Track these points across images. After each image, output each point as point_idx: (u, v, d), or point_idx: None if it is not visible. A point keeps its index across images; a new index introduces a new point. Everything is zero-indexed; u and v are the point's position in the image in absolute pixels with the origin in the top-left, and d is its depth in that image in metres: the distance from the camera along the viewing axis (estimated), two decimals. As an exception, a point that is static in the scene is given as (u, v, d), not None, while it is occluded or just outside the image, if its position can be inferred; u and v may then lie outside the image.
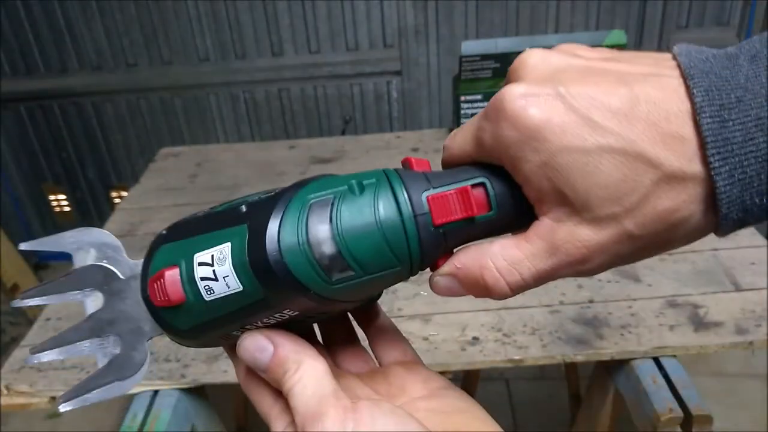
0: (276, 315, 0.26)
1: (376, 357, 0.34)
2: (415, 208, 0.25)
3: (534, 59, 0.25)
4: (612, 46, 1.16)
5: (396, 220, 0.25)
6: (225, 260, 0.25)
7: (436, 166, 0.29)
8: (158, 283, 0.27)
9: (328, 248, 0.24)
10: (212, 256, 0.26)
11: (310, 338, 0.31)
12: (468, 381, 1.38)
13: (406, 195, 0.25)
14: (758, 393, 1.55)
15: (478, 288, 0.26)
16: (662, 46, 2.03)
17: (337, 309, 0.29)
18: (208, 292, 0.26)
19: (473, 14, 1.97)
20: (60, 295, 0.31)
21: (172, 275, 0.27)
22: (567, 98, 0.23)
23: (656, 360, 0.75)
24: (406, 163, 0.28)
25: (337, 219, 0.24)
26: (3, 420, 1.65)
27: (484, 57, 1.18)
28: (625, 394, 0.77)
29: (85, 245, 0.31)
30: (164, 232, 0.29)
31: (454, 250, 0.27)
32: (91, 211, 2.31)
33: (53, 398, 0.76)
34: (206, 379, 0.76)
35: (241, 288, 0.25)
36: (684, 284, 0.85)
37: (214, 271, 0.26)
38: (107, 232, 0.31)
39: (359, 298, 0.28)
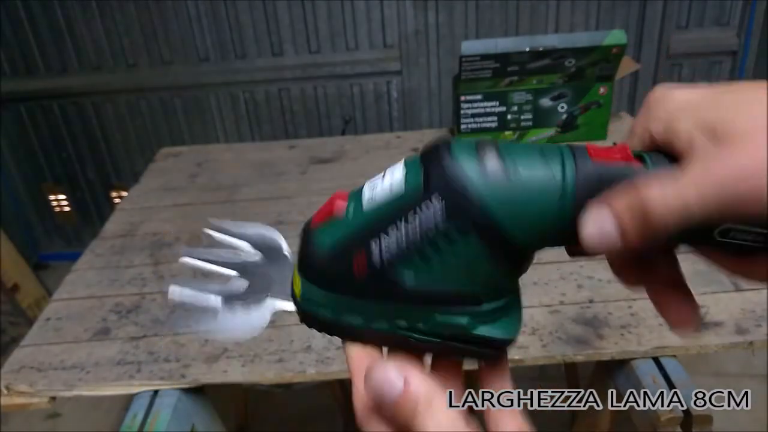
0: (421, 207, 0.27)
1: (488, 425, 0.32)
2: (574, 148, 0.27)
3: (657, 93, 0.28)
4: (612, 46, 1.16)
5: (555, 149, 0.27)
6: (397, 169, 0.28)
7: None
8: (326, 205, 0.29)
9: (492, 156, 0.26)
10: (384, 174, 0.28)
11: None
12: (468, 381, 1.38)
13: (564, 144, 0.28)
14: (758, 393, 1.55)
15: (634, 213, 0.24)
16: (662, 46, 2.03)
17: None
18: (370, 201, 0.28)
19: (473, 14, 1.97)
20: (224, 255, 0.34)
21: (342, 194, 0.29)
22: (710, 91, 0.26)
23: (656, 360, 0.75)
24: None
25: (502, 148, 0.27)
26: (3, 420, 1.65)
27: (484, 57, 1.17)
28: (625, 394, 0.77)
29: (258, 236, 0.36)
30: None
31: None
32: (91, 211, 2.31)
33: (53, 398, 0.76)
34: (206, 379, 0.76)
35: (404, 190, 0.27)
36: (684, 284, 0.85)
37: (383, 178, 0.28)
38: (277, 232, 0.36)
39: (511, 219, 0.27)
